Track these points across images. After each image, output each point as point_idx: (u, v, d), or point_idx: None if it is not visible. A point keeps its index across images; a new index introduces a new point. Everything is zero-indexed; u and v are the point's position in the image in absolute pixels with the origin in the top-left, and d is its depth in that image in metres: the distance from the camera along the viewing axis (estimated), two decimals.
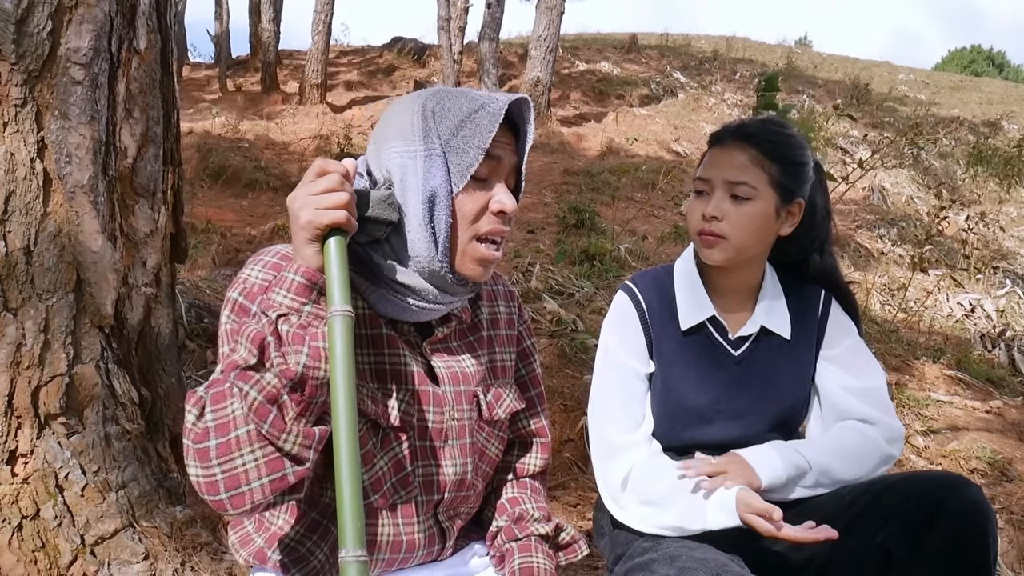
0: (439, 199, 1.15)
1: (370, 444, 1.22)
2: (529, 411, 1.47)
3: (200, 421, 1.06)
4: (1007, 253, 7.56)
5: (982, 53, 39.24)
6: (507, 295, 1.47)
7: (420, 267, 1.18)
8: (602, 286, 4.53)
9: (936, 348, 4.64)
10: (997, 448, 3.25)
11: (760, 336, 1.65)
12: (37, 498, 1.85)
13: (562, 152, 10.26)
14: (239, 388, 1.03)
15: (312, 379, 1.05)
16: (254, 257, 1.24)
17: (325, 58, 12.50)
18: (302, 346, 1.04)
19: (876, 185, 9.38)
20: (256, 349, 1.04)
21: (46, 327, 1.84)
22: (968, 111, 15.46)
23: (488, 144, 1.15)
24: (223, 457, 1.04)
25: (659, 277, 1.70)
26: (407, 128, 1.18)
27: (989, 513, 1.35)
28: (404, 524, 1.27)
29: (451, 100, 1.20)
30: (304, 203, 1.05)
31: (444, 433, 1.29)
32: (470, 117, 1.17)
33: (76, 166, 1.86)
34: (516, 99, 1.19)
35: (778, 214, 1.57)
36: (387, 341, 1.25)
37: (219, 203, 6.98)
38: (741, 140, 1.56)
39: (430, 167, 1.15)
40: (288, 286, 1.08)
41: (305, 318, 1.07)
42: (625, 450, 1.59)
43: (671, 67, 15.86)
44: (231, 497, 1.05)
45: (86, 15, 1.85)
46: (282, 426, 1.04)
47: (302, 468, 1.08)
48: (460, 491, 1.33)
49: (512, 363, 1.45)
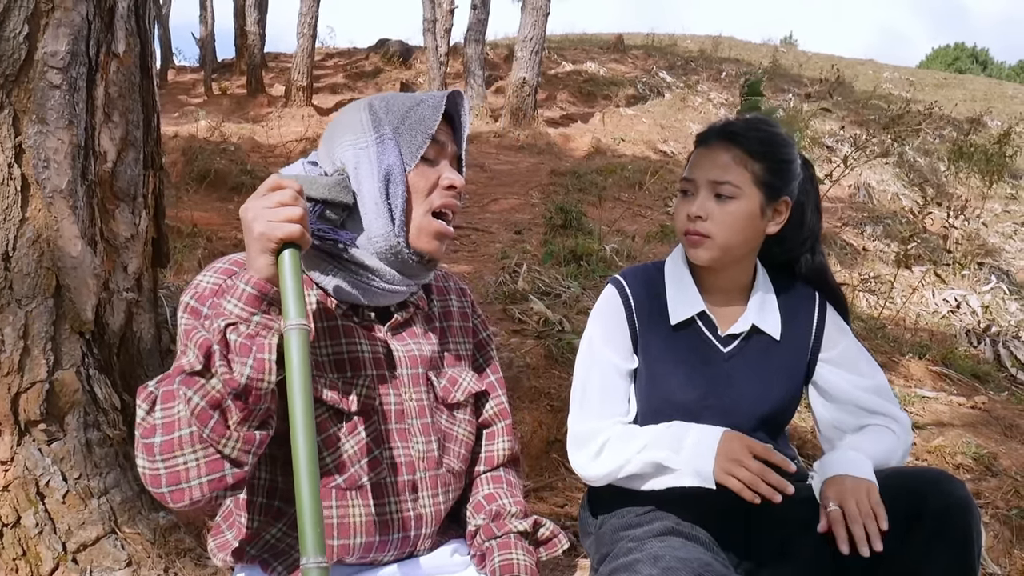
0: (394, 175, 1.25)
1: (333, 429, 1.26)
2: (490, 394, 1.52)
3: (149, 416, 1.11)
4: (992, 249, 7.61)
5: (966, 50, 39.51)
6: (459, 291, 1.54)
7: (377, 247, 1.25)
8: (589, 286, 4.54)
9: (922, 344, 4.67)
10: (982, 443, 3.26)
11: (750, 335, 1.65)
12: (18, 505, 1.83)
13: (549, 153, 10.27)
14: (183, 392, 1.08)
15: (256, 389, 1.09)
16: (209, 265, 1.30)
17: (311, 60, 12.49)
18: (247, 357, 1.08)
19: (862, 183, 9.43)
20: (202, 355, 1.08)
21: (26, 333, 1.82)
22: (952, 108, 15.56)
23: (433, 130, 1.27)
24: (166, 454, 1.09)
25: (649, 272, 1.70)
26: (357, 124, 1.28)
27: (973, 508, 1.35)
28: (377, 505, 1.29)
29: (395, 98, 1.33)
30: (257, 215, 1.09)
31: (404, 414, 1.34)
32: (414, 109, 1.29)
33: (55, 171, 1.85)
34: (451, 92, 1.31)
35: (763, 213, 1.56)
36: (343, 331, 1.30)
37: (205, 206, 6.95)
38: (725, 139, 1.56)
39: (383, 150, 1.25)
40: (239, 296, 1.11)
41: (254, 328, 1.10)
42: (601, 430, 1.61)
43: (657, 67, 15.91)
44: (171, 492, 1.10)
45: (63, 19, 1.83)
46: (223, 431, 1.09)
47: (240, 470, 1.12)
48: (432, 470, 1.35)
49: (468, 353, 1.51)
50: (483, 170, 8.77)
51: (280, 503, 1.28)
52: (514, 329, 3.74)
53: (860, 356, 1.69)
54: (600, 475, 1.60)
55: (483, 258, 5.44)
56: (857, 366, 1.67)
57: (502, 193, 7.91)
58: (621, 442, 1.57)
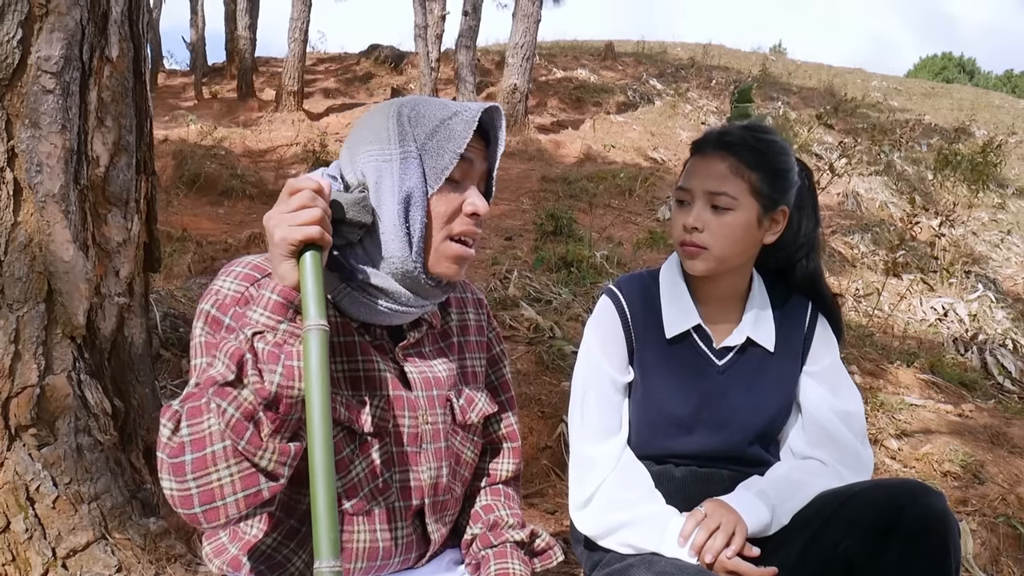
0: (414, 199, 1.18)
1: (346, 451, 1.23)
2: (500, 415, 1.49)
3: (175, 435, 1.06)
4: (979, 257, 7.66)
5: (953, 60, 39.80)
6: (476, 302, 1.49)
7: (393, 268, 1.19)
8: (580, 293, 4.55)
9: (910, 352, 4.69)
10: (970, 451, 3.28)
11: (745, 347, 1.63)
12: (7, 511, 1.82)
13: (540, 159, 10.29)
14: (216, 404, 1.04)
15: (286, 398, 1.06)
16: (226, 268, 1.25)
17: (302, 65, 12.47)
18: (276, 365, 1.05)
19: (850, 191, 9.47)
20: (235, 365, 1.05)
21: (17, 338, 1.82)
22: (940, 117, 15.67)
23: (463, 148, 1.19)
24: (198, 472, 1.04)
25: (644, 282, 1.68)
26: (383, 133, 1.21)
27: (950, 521, 1.34)
28: (381, 530, 1.27)
29: (426, 107, 1.23)
30: (278, 221, 1.07)
31: (419, 438, 1.30)
32: (445, 123, 1.20)
33: (47, 175, 1.85)
34: (488, 107, 1.23)
35: (760, 223, 1.55)
36: (359, 348, 1.26)
37: (195, 211, 6.94)
38: (721, 149, 1.54)
39: (406, 169, 1.18)
40: (265, 304, 1.09)
41: (280, 336, 1.08)
42: (597, 464, 1.59)
43: (648, 74, 15.98)
44: (205, 511, 1.06)
45: (57, 23, 1.83)
46: (258, 443, 1.05)
47: (276, 484, 1.09)
48: (438, 495, 1.33)
49: (482, 369, 1.47)
50: None
51: (279, 512, 1.26)
52: (505, 335, 3.75)
53: (841, 378, 1.66)
54: (584, 531, 1.60)
55: (473, 264, 5.44)
56: (836, 387, 1.64)
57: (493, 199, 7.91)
58: (607, 505, 1.56)
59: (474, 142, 1.23)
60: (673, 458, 1.65)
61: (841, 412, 1.62)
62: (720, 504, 1.49)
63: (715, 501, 1.51)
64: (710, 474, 1.64)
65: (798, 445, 1.66)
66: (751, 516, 1.48)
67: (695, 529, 1.45)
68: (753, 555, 1.44)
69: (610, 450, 1.60)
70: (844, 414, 1.62)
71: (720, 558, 1.42)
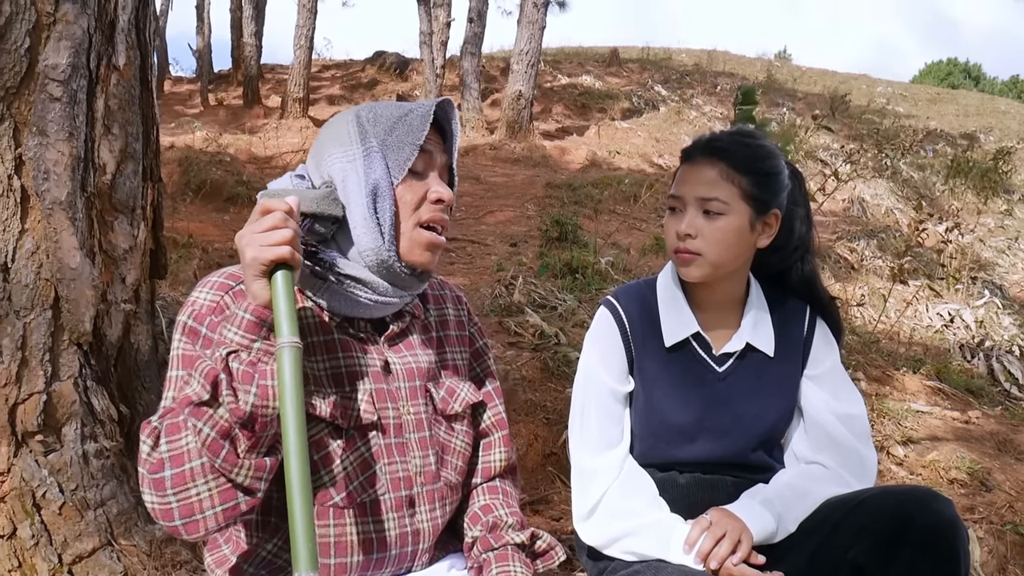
0: (381, 189, 1.24)
1: (333, 446, 1.25)
2: (487, 404, 1.51)
3: (155, 451, 1.10)
4: (985, 263, 7.63)
5: (958, 66, 39.72)
6: (455, 299, 1.53)
7: (368, 260, 1.24)
8: (585, 299, 4.54)
9: (916, 358, 4.68)
10: (976, 458, 3.27)
11: (745, 353, 1.63)
12: (14, 517, 1.83)
13: (545, 165, 10.30)
14: (192, 424, 1.08)
15: (261, 416, 1.09)
16: (202, 280, 1.29)
17: (307, 72, 12.52)
18: (250, 385, 1.08)
19: (856, 197, 9.46)
20: (209, 385, 1.08)
21: (23, 344, 1.83)
22: (946, 123, 15.64)
23: (421, 140, 1.25)
24: (178, 487, 1.09)
25: (642, 292, 1.68)
26: (344, 136, 1.28)
27: (959, 527, 1.34)
28: (374, 522, 1.28)
29: (383, 108, 1.31)
30: (249, 240, 1.10)
31: (402, 428, 1.33)
32: (401, 119, 1.28)
33: (54, 183, 1.85)
34: (441, 101, 1.30)
35: (753, 227, 1.55)
36: (340, 345, 1.30)
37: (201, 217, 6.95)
38: (710, 155, 1.55)
39: (370, 163, 1.24)
40: (238, 323, 1.12)
41: (255, 355, 1.11)
42: (598, 475, 1.58)
43: (652, 80, 15.98)
44: (185, 524, 1.11)
45: (64, 32, 1.84)
46: (234, 460, 1.09)
47: (253, 498, 1.13)
48: (430, 484, 1.34)
49: (465, 363, 1.50)
50: (479, 182, 8.79)
51: (276, 519, 1.27)
52: (510, 342, 3.75)
53: (842, 381, 1.66)
54: (588, 542, 1.60)
55: (479, 270, 5.45)
56: (837, 390, 1.64)
57: (498, 205, 7.93)
58: (611, 515, 1.56)
59: (431, 135, 1.29)
60: (677, 466, 1.65)
61: (843, 415, 1.62)
62: (726, 512, 1.49)
63: (720, 510, 1.50)
64: (714, 481, 1.63)
65: (801, 450, 1.66)
66: (756, 524, 1.47)
67: (701, 536, 1.45)
68: (759, 563, 1.44)
69: (611, 461, 1.59)
70: (846, 417, 1.62)
71: (726, 564, 1.41)
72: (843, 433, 1.60)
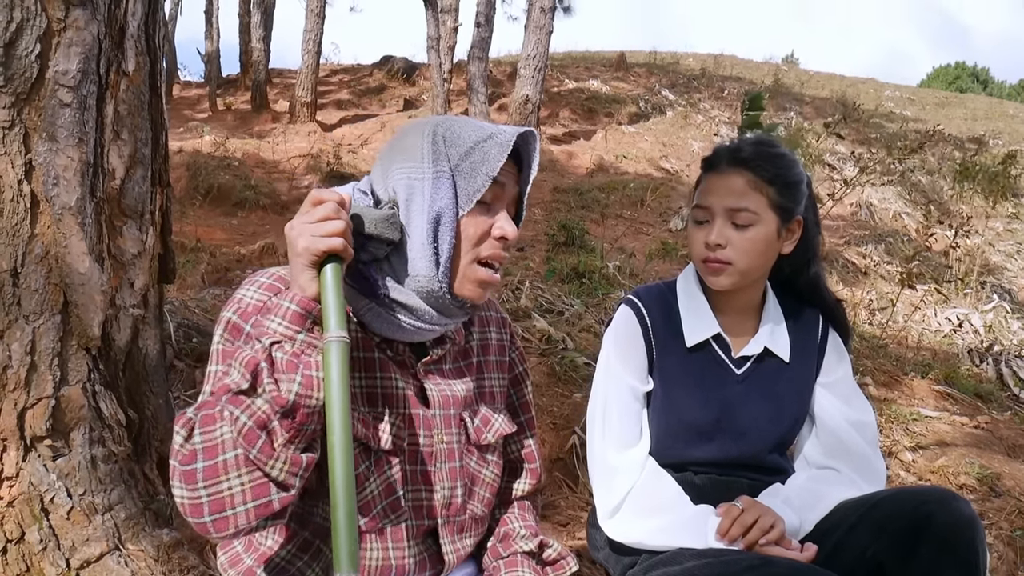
0: (444, 220, 1.18)
1: (362, 467, 1.22)
2: (519, 436, 1.49)
3: (188, 442, 1.06)
4: (994, 268, 7.61)
5: (966, 70, 39.60)
6: (499, 321, 1.49)
7: (419, 287, 1.19)
8: (592, 303, 4.54)
9: (924, 363, 4.66)
10: (985, 463, 3.26)
11: (762, 357, 1.66)
12: (22, 521, 1.83)
13: (552, 170, 10.30)
14: (229, 412, 1.04)
15: (303, 407, 1.05)
16: (250, 278, 1.25)
17: (315, 77, 12.54)
18: (295, 374, 1.05)
19: (864, 201, 9.44)
20: (249, 374, 1.05)
21: (32, 349, 1.83)
22: (954, 127, 15.60)
23: (496, 172, 1.18)
24: (209, 480, 1.04)
25: (663, 292, 1.71)
26: (416, 151, 1.20)
27: (977, 525, 1.36)
28: (394, 548, 1.26)
29: (461, 128, 1.23)
30: (301, 231, 1.07)
31: (434, 456, 1.29)
32: (479, 145, 1.20)
33: (64, 188, 1.86)
34: (524, 132, 1.23)
35: (779, 234, 1.58)
36: (379, 364, 1.26)
37: (209, 221, 6.97)
38: (736, 165, 1.57)
39: (438, 188, 1.17)
40: (283, 314, 1.09)
41: (299, 346, 1.08)
42: (622, 472, 1.59)
43: (659, 85, 15.97)
44: (215, 520, 1.05)
45: (74, 38, 1.85)
46: (270, 452, 1.05)
47: (287, 495, 1.08)
48: (452, 516, 1.32)
49: (503, 390, 1.46)
50: None
51: (292, 524, 1.26)
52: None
53: (854, 389, 1.69)
54: (617, 539, 1.59)
55: None
56: (849, 398, 1.67)
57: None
58: (638, 511, 1.56)
59: (507, 165, 1.22)
60: (692, 466, 1.67)
61: (855, 422, 1.64)
62: (756, 501, 1.51)
63: (750, 499, 1.52)
64: (730, 482, 1.65)
65: (813, 455, 1.68)
66: None
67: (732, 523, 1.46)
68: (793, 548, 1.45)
69: (633, 458, 1.61)
70: (858, 424, 1.64)
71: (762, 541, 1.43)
72: (855, 439, 1.62)
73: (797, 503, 1.54)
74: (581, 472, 2.87)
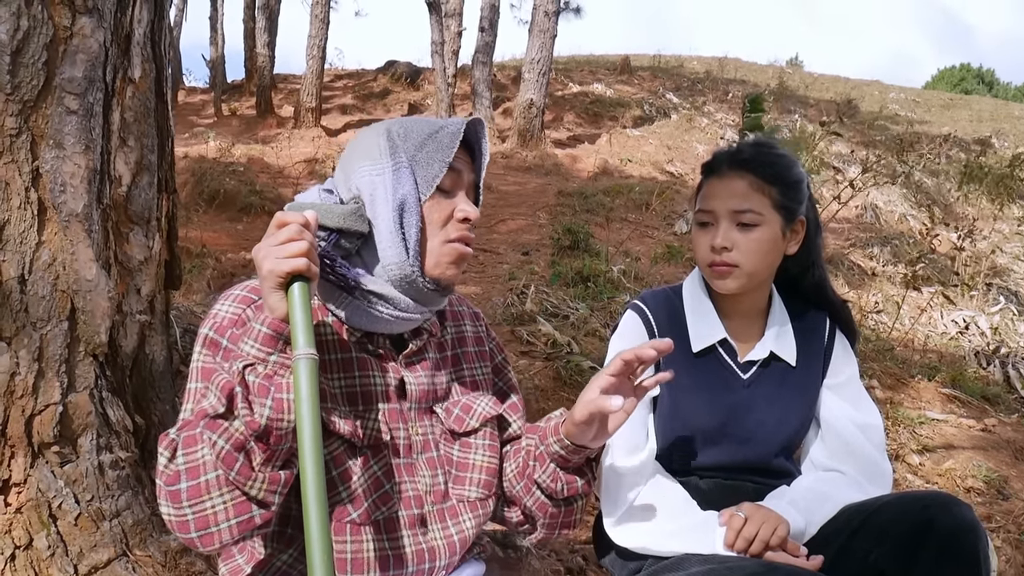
0: (408, 205, 1.24)
1: (350, 463, 1.26)
2: (515, 415, 1.51)
3: (172, 463, 1.11)
4: (1001, 270, 7.58)
5: (971, 71, 39.54)
6: (472, 316, 1.54)
7: (392, 275, 1.25)
8: (597, 307, 4.54)
9: (931, 366, 4.65)
10: (993, 466, 3.25)
11: (768, 361, 1.65)
12: (30, 528, 1.84)
13: (556, 174, 10.31)
14: (208, 436, 1.09)
15: (276, 430, 1.09)
16: (225, 292, 1.31)
17: (320, 82, 12.58)
18: (266, 398, 1.09)
19: (869, 203, 9.42)
20: (225, 398, 1.09)
21: (40, 356, 1.84)
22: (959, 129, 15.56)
23: (451, 158, 1.26)
24: (193, 499, 1.10)
25: (669, 297, 1.71)
26: (374, 150, 1.28)
27: (980, 531, 1.35)
28: (389, 539, 1.28)
29: (413, 124, 1.31)
30: (266, 253, 1.10)
31: (411, 448, 1.34)
32: (432, 136, 1.28)
33: (71, 195, 1.87)
34: (471, 120, 1.30)
35: (784, 235, 1.58)
36: (357, 364, 1.30)
37: (214, 227, 6.99)
38: (738, 167, 1.57)
39: (399, 179, 1.24)
40: (255, 336, 1.13)
41: (271, 368, 1.12)
42: (627, 478, 1.59)
43: (664, 88, 15.98)
44: (201, 536, 1.11)
45: (81, 45, 1.86)
46: (248, 473, 1.09)
47: (267, 511, 1.13)
48: (439, 503, 1.35)
49: (485, 378, 1.50)
50: (490, 191, 8.80)
51: (292, 530, 1.28)
52: (522, 351, 3.75)
53: (861, 391, 1.68)
54: (623, 544, 1.58)
55: (491, 279, 5.46)
56: (856, 400, 1.66)
57: (509, 214, 7.94)
58: (644, 517, 1.55)
59: (460, 154, 1.30)
60: (698, 471, 1.66)
61: (862, 424, 1.63)
62: (759, 506, 1.50)
63: (754, 504, 1.50)
64: (735, 486, 1.64)
65: (819, 457, 1.67)
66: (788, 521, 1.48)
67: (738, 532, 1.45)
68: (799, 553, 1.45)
69: (640, 464, 1.60)
70: (865, 426, 1.63)
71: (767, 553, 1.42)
72: (862, 442, 1.62)
73: (802, 505, 1.53)
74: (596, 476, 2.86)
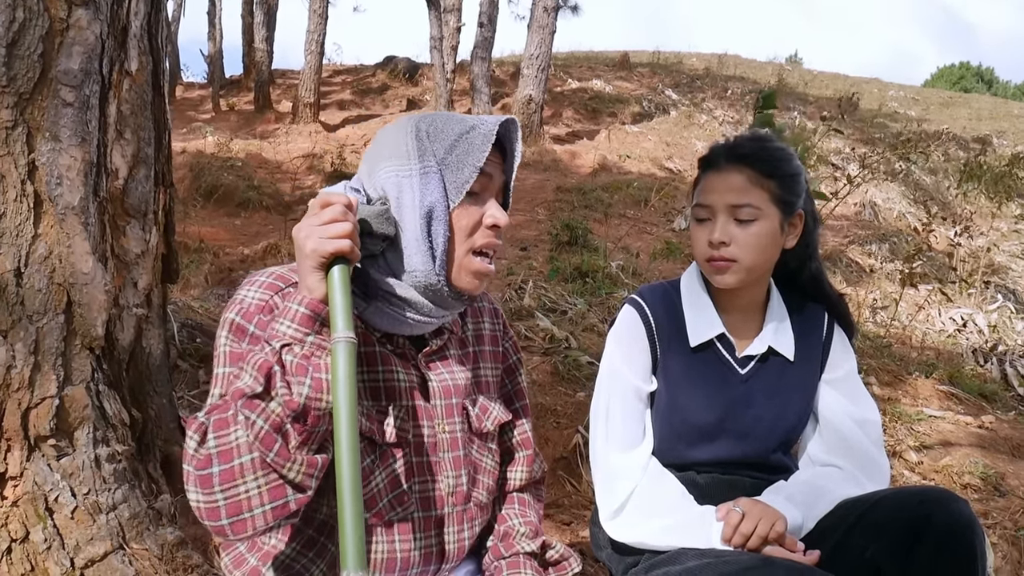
0: (436, 213, 1.19)
1: (367, 461, 1.23)
2: (514, 423, 1.49)
3: (202, 447, 1.07)
4: (998, 268, 7.59)
5: (971, 69, 39.51)
6: (492, 312, 1.51)
7: (416, 281, 1.20)
8: (595, 303, 4.54)
9: (928, 363, 4.65)
10: (990, 463, 3.25)
11: (766, 356, 1.65)
12: (27, 521, 1.83)
13: (555, 169, 10.30)
14: (245, 416, 1.05)
15: (314, 410, 1.06)
16: (249, 278, 1.26)
17: (318, 77, 12.55)
18: (304, 377, 1.06)
19: (867, 201, 9.43)
20: (263, 378, 1.05)
21: (36, 349, 1.83)
22: (958, 127, 15.57)
23: (482, 162, 1.20)
24: (226, 484, 1.05)
25: (667, 292, 1.70)
26: (401, 148, 1.21)
27: (976, 527, 1.35)
28: (400, 542, 1.27)
29: (444, 122, 1.24)
30: (309, 233, 1.08)
31: (437, 447, 1.30)
32: (463, 137, 1.21)
33: (67, 188, 1.86)
34: (505, 120, 1.24)
35: (782, 228, 1.57)
36: (380, 358, 1.27)
37: (212, 222, 6.98)
38: (735, 161, 1.56)
39: (427, 183, 1.19)
40: (292, 316, 1.09)
41: (308, 348, 1.09)
42: (625, 473, 1.59)
43: (663, 85, 15.96)
44: (232, 523, 1.07)
45: (77, 37, 1.85)
46: (287, 455, 1.06)
47: (303, 496, 1.10)
48: (460, 505, 1.33)
49: (497, 378, 1.48)
50: None
51: (297, 521, 1.25)
52: (520, 346, 3.74)
53: (859, 386, 1.68)
54: (620, 539, 1.59)
55: None
56: (854, 395, 1.66)
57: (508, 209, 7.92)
58: (642, 511, 1.56)
59: (492, 155, 1.23)
60: (696, 466, 1.67)
61: (859, 419, 1.63)
62: (755, 500, 1.50)
63: (751, 500, 1.50)
64: (733, 481, 1.65)
65: (816, 452, 1.67)
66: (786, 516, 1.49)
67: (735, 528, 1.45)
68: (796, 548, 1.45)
69: (637, 459, 1.60)
70: (862, 421, 1.63)
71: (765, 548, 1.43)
72: (859, 437, 1.61)
73: (800, 500, 1.53)
74: (584, 471, 2.87)
